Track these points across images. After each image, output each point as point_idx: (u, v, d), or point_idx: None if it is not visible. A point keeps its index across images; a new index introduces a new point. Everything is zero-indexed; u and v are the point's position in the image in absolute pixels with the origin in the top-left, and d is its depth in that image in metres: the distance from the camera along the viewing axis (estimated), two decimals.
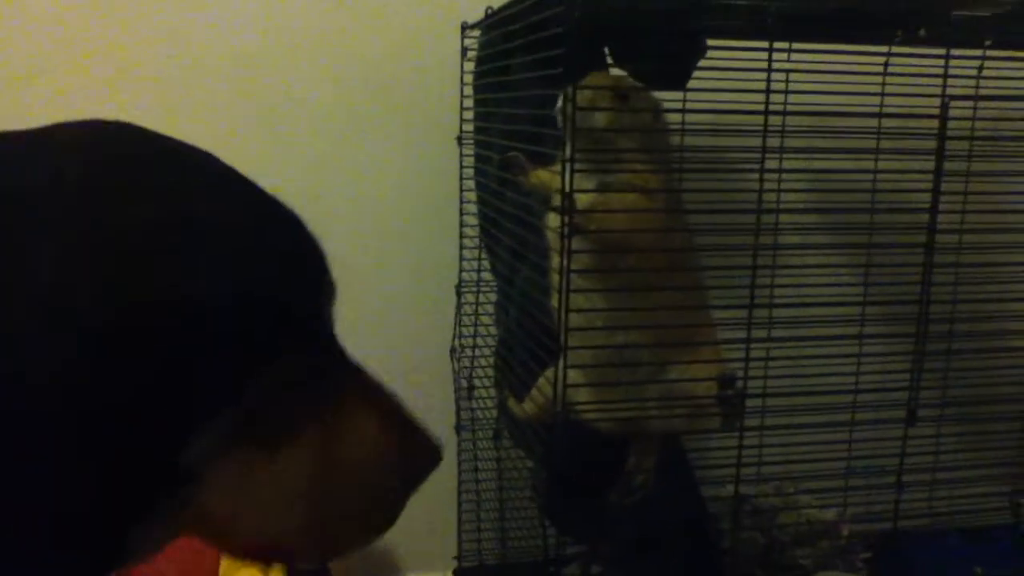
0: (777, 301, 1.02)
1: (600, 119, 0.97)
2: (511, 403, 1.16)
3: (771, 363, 1.05)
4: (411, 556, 1.64)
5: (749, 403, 0.97)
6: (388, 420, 0.53)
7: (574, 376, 0.93)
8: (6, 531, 0.41)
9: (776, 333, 1.05)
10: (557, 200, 0.87)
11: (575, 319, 0.90)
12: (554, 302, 0.94)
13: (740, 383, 0.95)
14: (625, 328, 0.96)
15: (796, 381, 1.03)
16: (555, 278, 0.92)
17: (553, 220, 0.92)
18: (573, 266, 0.87)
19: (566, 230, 0.87)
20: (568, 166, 0.89)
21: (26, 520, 0.41)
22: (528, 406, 1.11)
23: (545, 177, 1.01)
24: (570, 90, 0.91)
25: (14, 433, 0.40)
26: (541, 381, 1.07)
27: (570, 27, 0.93)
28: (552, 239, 0.95)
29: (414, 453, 0.54)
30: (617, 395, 0.97)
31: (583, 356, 0.94)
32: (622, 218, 0.93)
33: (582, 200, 0.92)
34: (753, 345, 0.94)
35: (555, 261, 0.91)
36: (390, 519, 0.54)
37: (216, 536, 0.51)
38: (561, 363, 0.93)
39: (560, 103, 0.94)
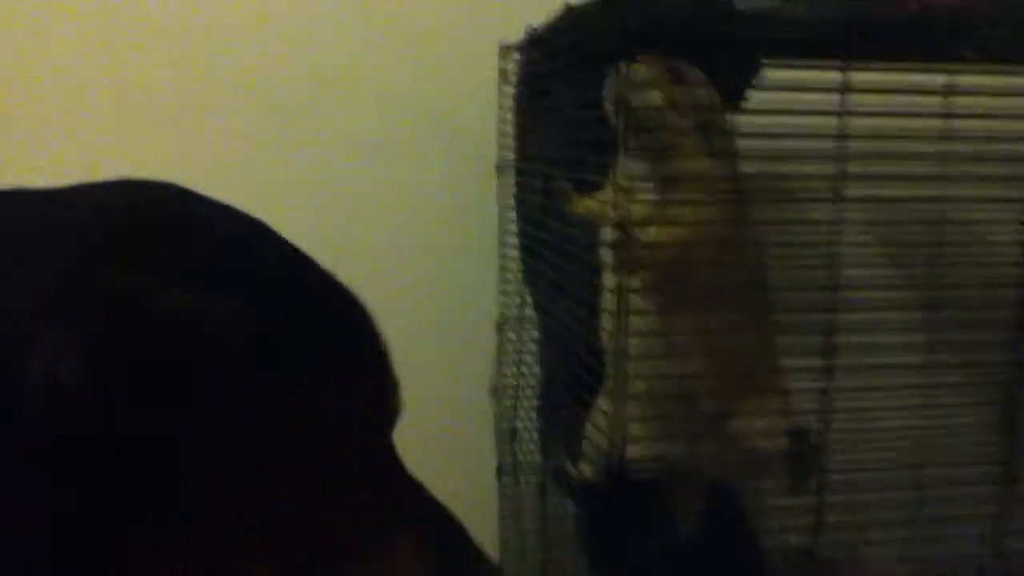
0: (845, 343, 0.93)
1: (655, 97, 0.89)
2: (568, 466, 1.08)
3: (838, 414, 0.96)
4: None
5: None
6: (441, 555, 0.47)
7: (631, 411, 0.84)
8: None
9: (845, 382, 0.95)
10: (608, 233, 0.79)
11: (635, 345, 0.81)
12: (605, 325, 0.86)
13: (813, 436, 0.85)
14: (684, 359, 0.87)
15: (863, 434, 0.94)
16: (608, 299, 0.83)
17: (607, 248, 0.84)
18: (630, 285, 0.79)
19: (621, 253, 0.79)
20: (620, 165, 0.81)
21: None
22: (585, 468, 1.03)
23: (593, 206, 0.93)
24: (623, 67, 0.83)
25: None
26: (592, 433, 0.98)
27: (615, 46, 0.86)
28: (606, 258, 0.86)
29: None
30: (673, 433, 0.88)
31: (640, 389, 0.85)
32: (683, 233, 0.84)
33: (637, 221, 0.84)
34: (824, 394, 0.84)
35: (608, 280, 0.83)
36: None
37: None
38: (609, 401, 0.85)
39: (609, 86, 0.86)
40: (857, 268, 0.96)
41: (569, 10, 0.99)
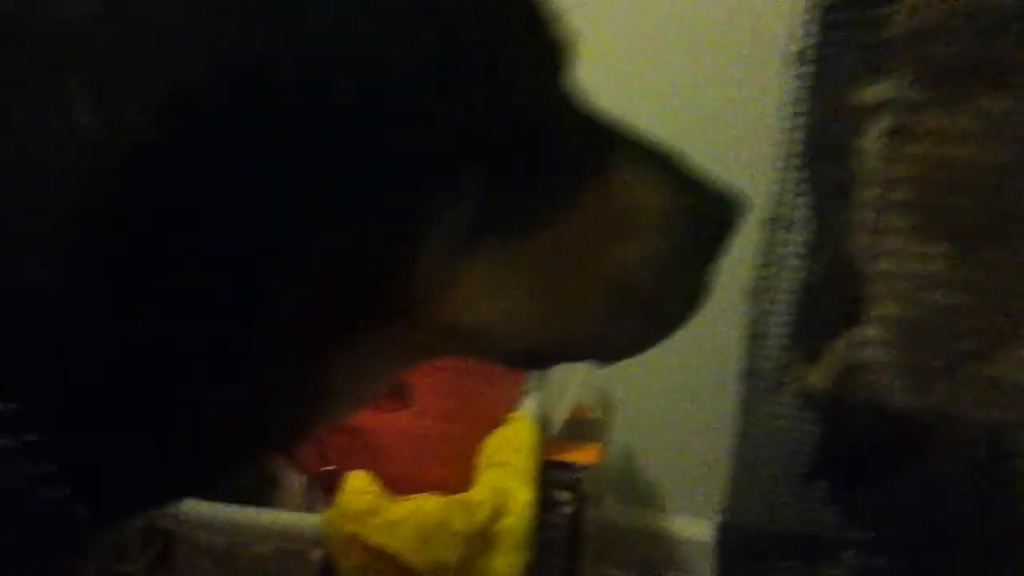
0: None
1: None
2: (802, 369, 1.03)
3: None
4: (678, 495, 1.58)
5: None
6: (669, 177, 0.44)
7: (875, 334, 0.78)
8: None
9: None
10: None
11: (887, 264, 0.75)
12: (857, 244, 0.79)
13: None
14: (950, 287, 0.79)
15: None
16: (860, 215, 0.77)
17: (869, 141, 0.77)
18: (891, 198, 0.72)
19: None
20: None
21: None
22: (818, 373, 0.97)
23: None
24: None
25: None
26: (837, 344, 0.93)
27: None
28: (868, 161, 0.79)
29: (708, 208, 0.45)
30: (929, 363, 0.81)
31: (890, 312, 0.79)
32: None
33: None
34: None
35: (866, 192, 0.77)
36: (694, 297, 0.46)
37: (469, 348, 0.44)
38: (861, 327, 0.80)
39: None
40: None
41: None
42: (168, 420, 0.35)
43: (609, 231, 0.43)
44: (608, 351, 0.47)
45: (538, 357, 0.46)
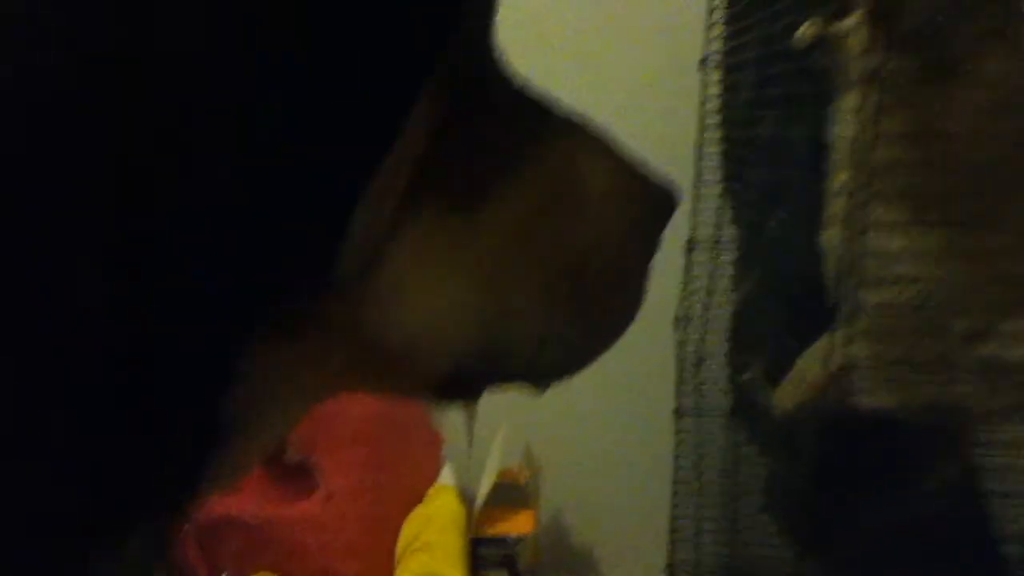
0: None
1: None
2: (765, 391, 0.94)
3: None
4: (614, 560, 1.46)
5: None
6: (614, 157, 0.41)
7: (858, 350, 0.70)
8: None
9: None
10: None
11: (872, 266, 0.67)
12: (830, 238, 0.72)
13: None
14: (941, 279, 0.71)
15: None
16: (838, 206, 0.70)
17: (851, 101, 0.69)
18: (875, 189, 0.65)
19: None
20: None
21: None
22: (787, 391, 0.89)
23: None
24: None
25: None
26: (805, 360, 0.84)
27: None
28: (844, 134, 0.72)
29: (651, 193, 0.42)
30: (920, 368, 0.73)
31: (878, 305, 0.71)
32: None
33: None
34: None
35: (841, 179, 0.69)
36: (638, 297, 0.43)
37: (389, 373, 0.36)
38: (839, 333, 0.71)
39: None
40: None
41: None
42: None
43: (558, 209, 0.39)
44: (550, 363, 0.41)
45: (469, 379, 0.39)
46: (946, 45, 0.67)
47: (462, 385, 0.40)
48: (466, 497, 1.18)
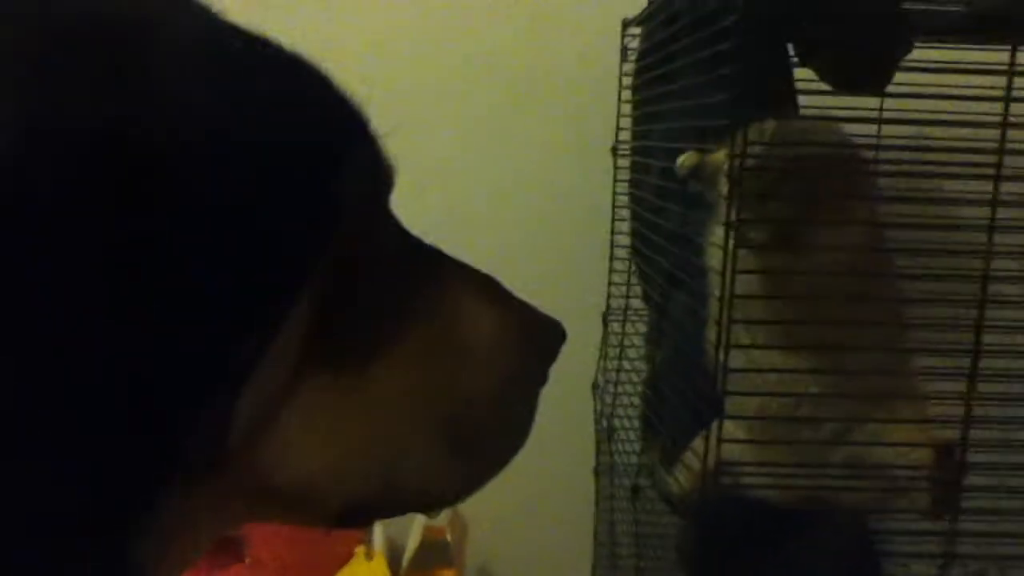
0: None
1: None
2: (661, 473, 1.00)
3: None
4: None
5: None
6: (498, 300, 0.42)
7: (732, 431, 0.76)
8: None
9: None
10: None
11: (736, 358, 0.74)
12: (711, 336, 0.78)
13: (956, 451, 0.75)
14: (804, 373, 0.78)
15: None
16: (715, 307, 0.76)
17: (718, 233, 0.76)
18: (739, 291, 0.71)
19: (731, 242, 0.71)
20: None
21: None
22: (681, 478, 0.94)
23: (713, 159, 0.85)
24: (736, 140, 0.74)
25: None
26: (696, 445, 0.90)
27: (742, 18, 0.78)
28: (715, 257, 0.79)
29: (537, 331, 0.43)
30: (789, 457, 0.79)
31: (746, 406, 0.77)
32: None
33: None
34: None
35: (716, 284, 0.76)
36: (526, 427, 0.44)
37: (288, 510, 0.39)
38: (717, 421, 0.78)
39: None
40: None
41: None
42: None
43: (446, 360, 0.40)
44: (440, 494, 0.43)
45: (363, 512, 0.42)
46: (788, 214, 0.75)
47: (356, 517, 0.44)
48: (393, 558, 1.21)
